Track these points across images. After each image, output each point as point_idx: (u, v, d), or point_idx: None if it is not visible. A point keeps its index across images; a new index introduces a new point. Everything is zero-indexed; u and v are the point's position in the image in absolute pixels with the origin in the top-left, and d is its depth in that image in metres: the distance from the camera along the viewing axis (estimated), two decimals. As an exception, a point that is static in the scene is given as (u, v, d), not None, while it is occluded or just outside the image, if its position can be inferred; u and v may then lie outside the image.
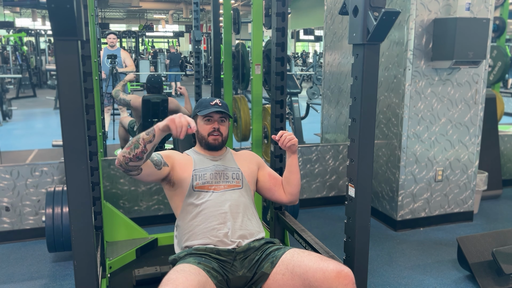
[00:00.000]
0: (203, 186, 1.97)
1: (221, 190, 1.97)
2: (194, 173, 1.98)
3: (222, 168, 2.05)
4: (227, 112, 2.06)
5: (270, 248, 1.87)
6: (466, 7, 3.24)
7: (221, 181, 2.00)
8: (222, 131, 2.09)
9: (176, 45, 21.07)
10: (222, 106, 2.07)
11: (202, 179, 1.98)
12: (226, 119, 2.11)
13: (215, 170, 2.02)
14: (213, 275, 1.73)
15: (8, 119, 8.59)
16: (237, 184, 2.03)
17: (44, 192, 3.34)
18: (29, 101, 11.46)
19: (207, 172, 2.00)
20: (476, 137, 3.68)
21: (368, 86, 1.67)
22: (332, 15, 4.50)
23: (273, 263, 1.79)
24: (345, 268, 1.64)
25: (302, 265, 1.70)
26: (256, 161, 2.22)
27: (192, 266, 1.69)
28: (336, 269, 1.61)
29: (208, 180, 1.98)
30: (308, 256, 1.74)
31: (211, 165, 2.05)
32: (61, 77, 1.42)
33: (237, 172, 2.06)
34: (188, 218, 1.94)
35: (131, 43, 18.61)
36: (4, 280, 2.82)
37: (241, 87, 4.24)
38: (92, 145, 2.32)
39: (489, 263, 2.75)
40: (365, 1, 1.55)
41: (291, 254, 1.78)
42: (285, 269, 1.75)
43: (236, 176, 2.05)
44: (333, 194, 4.21)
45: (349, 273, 1.63)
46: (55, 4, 1.29)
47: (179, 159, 2.04)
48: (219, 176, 2.01)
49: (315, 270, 1.64)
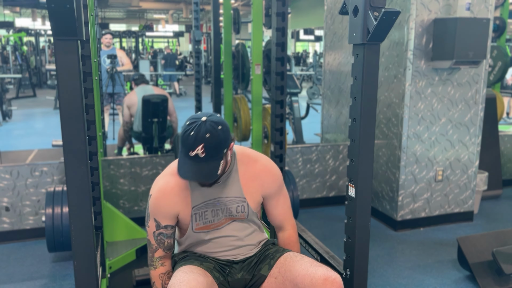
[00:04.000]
0: (204, 227, 1.74)
1: (224, 225, 1.76)
2: (193, 213, 1.71)
3: (225, 201, 1.73)
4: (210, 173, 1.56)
5: (268, 250, 1.86)
6: (466, 7, 3.24)
7: (223, 216, 1.74)
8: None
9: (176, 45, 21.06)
10: (205, 157, 1.53)
11: (203, 219, 1.73)
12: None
13: (217, 206, 1.73)
14: (215, 276, 1.73)
15: (8, 119, 8.59)
16: (242, 217, 1.77)
17: (44, 192, 3.34)
18: (29, 101, 11.46)
19: (208, 209, 1.72)
20: (476, 137, 3.67)
21: (368, 86, 1.67)
22: (332, 15, 4.50)
23: (270, 265, 1.79)
24: (333, 274, 1.61)
25: (292, 270, 1.69)
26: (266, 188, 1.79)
27: (198, 268, 1.69)
28: (323, 276, 1.59)
29: (210, 219, 1.73)
30: (300, 261, 1.71)
31: (212, 197, 1.72)
32: (61, 77, 1.42)
33: (242, 204, 1.75)
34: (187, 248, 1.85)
35: (131, 43, 18.61)
36: (4, 280, 2.82)
37: (241, 87, 4.24)
38: (92, 145, 2.32)
39: (489, 263, 2.75)
40: (365, 1, 1.55)
41: (285, 258, 1.77)
42: (277, 273, 1.75)
43: (241, 209, 1.75)
44: (333, 194, 4.21)
45: (337, 279, 1.60)
46: (55, 4, 1.29)
47: (179, 205, 1.71)
48: (221, 212, 1.73)
49: (303, 276, 1.63)
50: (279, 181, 1.82)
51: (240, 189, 1.74)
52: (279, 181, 1.82)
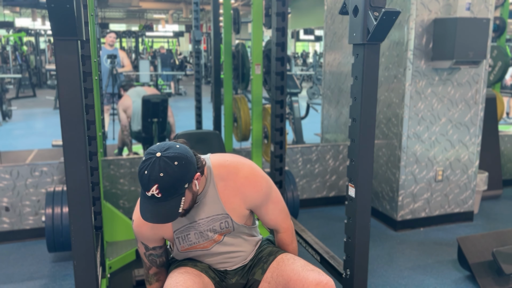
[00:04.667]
0: (189, 248, 1.70)
1: (212, 246, 1.70)
2: (175, 236, 1.66)
3: (207, 221, 1.64)
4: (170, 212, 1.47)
5: (262, 252, 1.82)
6: (466, 7, 3.24)
7: (209, 237, 1.66)
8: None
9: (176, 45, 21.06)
10: (162, 197, 1.42)
11: (187, 241, 1.67)
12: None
13: (198, 228, 1.65)
14: (211, 276, 1.73)
15: (8, 119, 8.59)
16: (227, 231, 1.68)
17: (44, 192, 3.34)
18: (29, 101, 11.46)
19: (190, 232, 1.65)
20: (476, 137, 3.67)
21: (368, 86, 1.67)
22: (332, 15, 4.50)
23: (263, 270, 1.76)
24: (325, 278, 1.59)
25: (284, 275, 1.68)
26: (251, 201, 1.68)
27: (192, 269, 1.69)
28: (315, 281, 1.57)
29: (194, 241, 1.67)
30: (291, 265, 1.68)
31: (192, 220, 1.64)
32: (61, 77, 1.42)
33: (226, 220, 1.65)
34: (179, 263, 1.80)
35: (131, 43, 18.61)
36: (4, 280, 2.82)
37: (241, 87, 4.24)
38: (92, 145, 2.32)
39: (489, 263, 2.75)
40: (365, 1, 1.55)
41: (277, 262, 1.74)
42: (270, 277, 1.73)
43: (226, 225, 1.66)
44: (333, 194, 4.21)
45: (329, 283, 1.58)
46: (55, 4, 1.29)
47: (161, 230, 1.67)
48: (205, 234, 1.65)
49: (295, 281, 1.62)
50: (263, 190, 1.68)
51: (221, 206, 1.63)
52: (263, 191, 1.68)
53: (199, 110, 4.54)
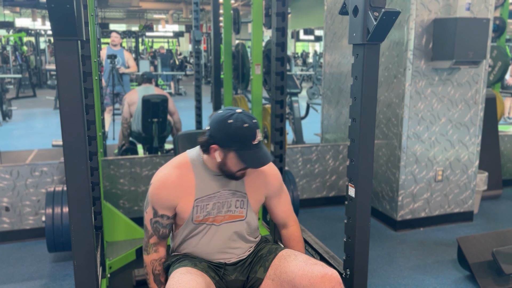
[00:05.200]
0: (203, 219, 1.75)
1: (221, 223, 1.76)
2: (195, 204, 1.73)
3: (227, 193, 1.76)
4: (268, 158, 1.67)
5: (261, 250, 1.84)
6: (466, 7, 3.24)
7: (223, 211, 1.76)
8: None
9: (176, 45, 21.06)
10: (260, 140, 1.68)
11: (204, 211, 1.74)
12: None
13: (218, 198, 1.75)
14: (211, 275, 1.73)
15: (8, 119, 8.59)
16: (240, 215, 1.78)
17: (44, 192, 3.34)
18: (29, 101, 11.46)
19: (209, 202, 1.74)
20: (476, 137, 3.68)
21: (368, 86, 1.67)
22: (332, 15, 4.50)
23: (265, 268, 1.78)
24: (330, 270, 1.62)
25: (288, 271, 1.69)
26: (269, 188, 1.85)
27: (193, 269, 1.69)
28: (320, 274, 1.60)
29: (210, 212, 1.74)
30: (294, 260, 1.71)
31: (215, 190, 1.75)
32: (61, 77, 1.42)
33: (242, 199, 1.78)
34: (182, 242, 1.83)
35: (131, 43, 18.61)
36: (4, 280, 2.82)
37: (241, 87, 4.24)
38: (92, 145, 2.32)
39: (489, 263, 2.75)
40: (365, 1, 1.55)
41: (279, 259, 1.76)
42: (273, 275, 1.75)
43: (241, 204, 1.78)
44: (333, 194, 4.21)
45: (334, 275, 1.61)
46: (55, 4, 1.29)
47: (179, 198, 1.73)
48: (221, 206, 1.75)
49: (301, 276, 1.64)
50: (280, 179, 1.90)
51: (243, 185, 1.78)
52: (280, 180, 1.90)
53: (199, 110, 4.54)
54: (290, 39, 19.20)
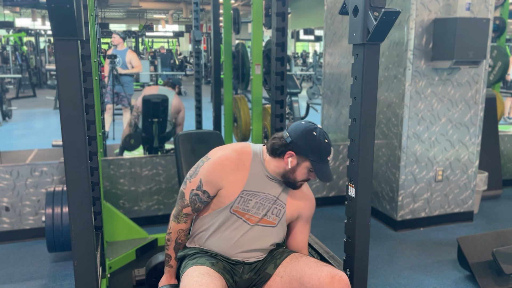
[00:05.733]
0: (241, 212, 1.78)
1: (254, 224, 1.80)
2: (241, 195, 1.76)
3: (271, 198, 1.81)
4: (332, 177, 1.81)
5: (275, 250, 1.90)
6: (466, 7, 3.24)
7: (259, 213, 1.79)
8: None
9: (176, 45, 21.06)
10: None
11: (245, 205, 1.77)
12: None
13: (262, 199, 1.79)
14: (226, 278, 1.75)
15: (8, 119, 8.59)
16: (273, 222, 1.82)
17: (44, 192, 3.34)
18: (29, 101, 11.45)
19: (253, 199, 1.78)
20: (476, 137, 3.67)
21: (368, 86, 1.66)
22: (332, 15, 4.50)
23: (276, 265, 1.83)
24: (339, 272, 1.67)
25: (298, 269, 1.74)
26: (303, 211, 1.90)
27: (212, 270, 1.70)
28: (330, 275, 1.65)
29: (250, 209, 1.78)
30: (305, 261, 1.77)
31: (263, 190, 1.80)
32: (61, 77, 1.42)
33: (280, 209, 1.83)
34: (209, 227, 1.82)
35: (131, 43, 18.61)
36: (4, 280, 2.82)
37: (241, 87, 4.24)
38: (92, 145, 2.32)
39: (489, 263, 2.75)
40: (365, 1, 1.54)
41: (291, 258, 1.82)
42: (283, 272, 1.79)
43: (277, 213, 1.82)
44: (333, 194, 4.21)
45: (343, 277, 1.65)
46: (55, 4, 1.29)
47: (229, 182, 1.76)
48: (262, 207, 1.79)
49: (310, 275, 1.68)
50: (314, 210, 1.94)
51: (285, 197, 1.84)
52: (313, 210, 1.94)
53: (199, 110, 4.53)
54: (290, 39, 19.19)
